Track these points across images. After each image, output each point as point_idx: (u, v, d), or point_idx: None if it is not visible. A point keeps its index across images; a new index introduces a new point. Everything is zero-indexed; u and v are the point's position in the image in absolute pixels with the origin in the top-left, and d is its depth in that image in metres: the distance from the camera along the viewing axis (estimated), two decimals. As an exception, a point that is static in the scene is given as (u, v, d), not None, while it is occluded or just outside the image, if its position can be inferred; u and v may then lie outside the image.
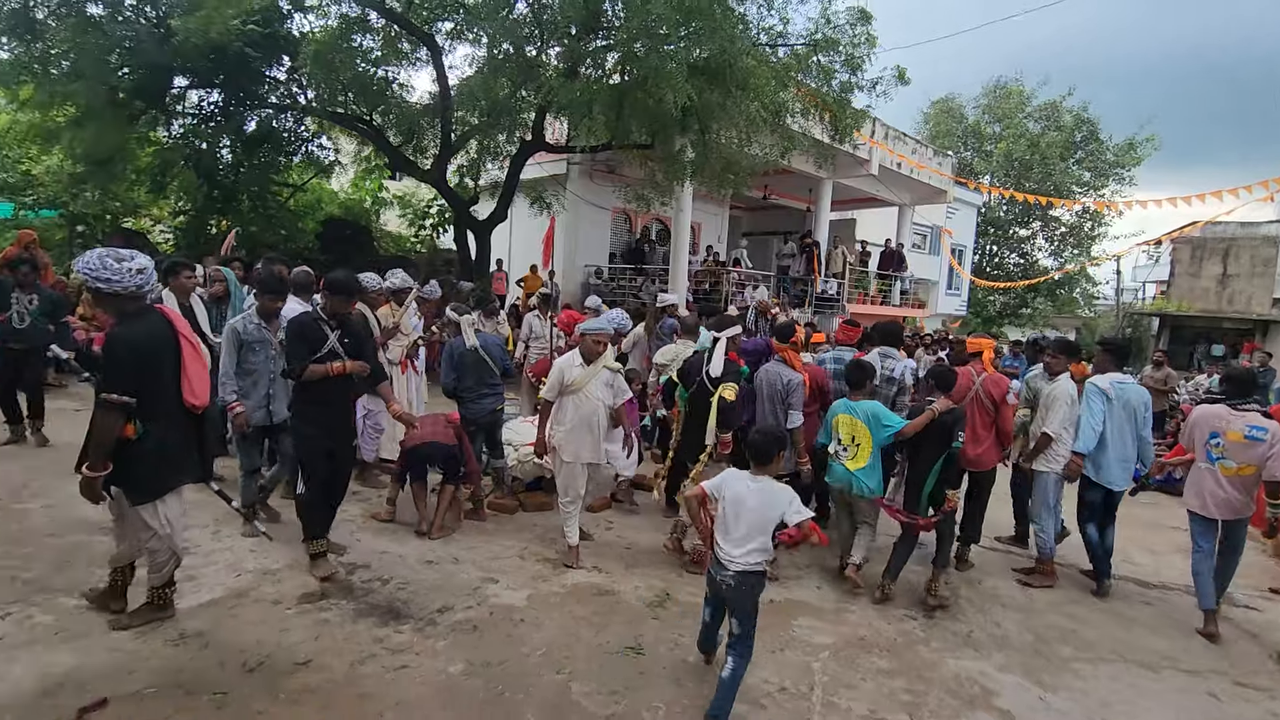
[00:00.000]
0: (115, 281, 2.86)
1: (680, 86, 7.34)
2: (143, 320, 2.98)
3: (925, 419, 4.15)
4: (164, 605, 3.28)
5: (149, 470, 3.01)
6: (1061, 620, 4.33)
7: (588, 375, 4.35)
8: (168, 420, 3.03)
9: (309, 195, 14.66)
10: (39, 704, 2.60)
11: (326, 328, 3.76)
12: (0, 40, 8.50)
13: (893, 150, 15.06)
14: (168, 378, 3.03)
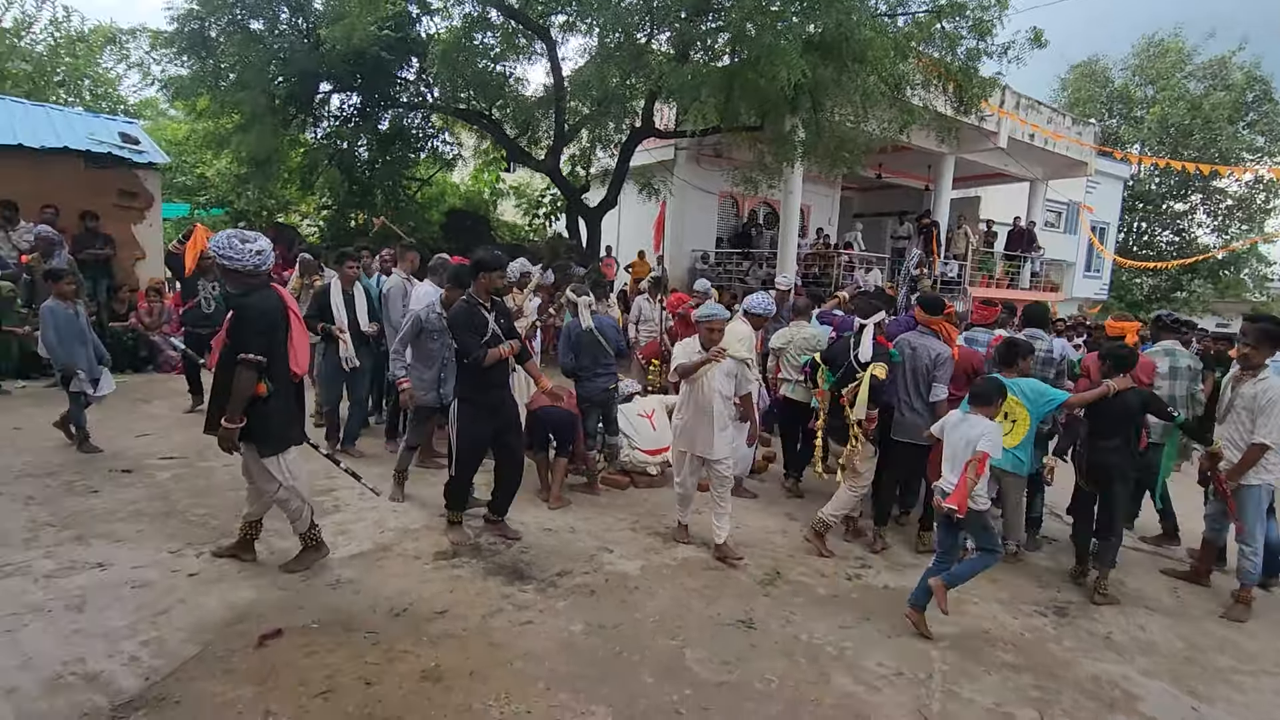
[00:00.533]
0: (238, 259, 3.23)
1: (794, 63, 7.17)
2: (263, 293, 3.35)
3: (1099, 393, 4.10)
4: (317, 545, 3.66)
5: (277, 425, 3.38)
6: (1218, 628, 3.94)
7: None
8: (284, 383, 3.41)
9: (434, 188, 15.62)
10: (229, 630, 3.02)
11: (485, 312, 3.96)
12: (182, 59, 9.71)
13: (1025, 120, 13.91)
14: (280, 347, 3.37)
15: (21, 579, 3.31)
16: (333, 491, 4.80)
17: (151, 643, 2.87)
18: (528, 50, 10.99)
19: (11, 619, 2.96)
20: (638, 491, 5.47)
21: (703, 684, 2.91)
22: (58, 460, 4.99)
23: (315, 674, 2.73)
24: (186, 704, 2.51)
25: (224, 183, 13.64)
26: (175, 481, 4.75)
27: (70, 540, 3.75)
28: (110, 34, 11.74)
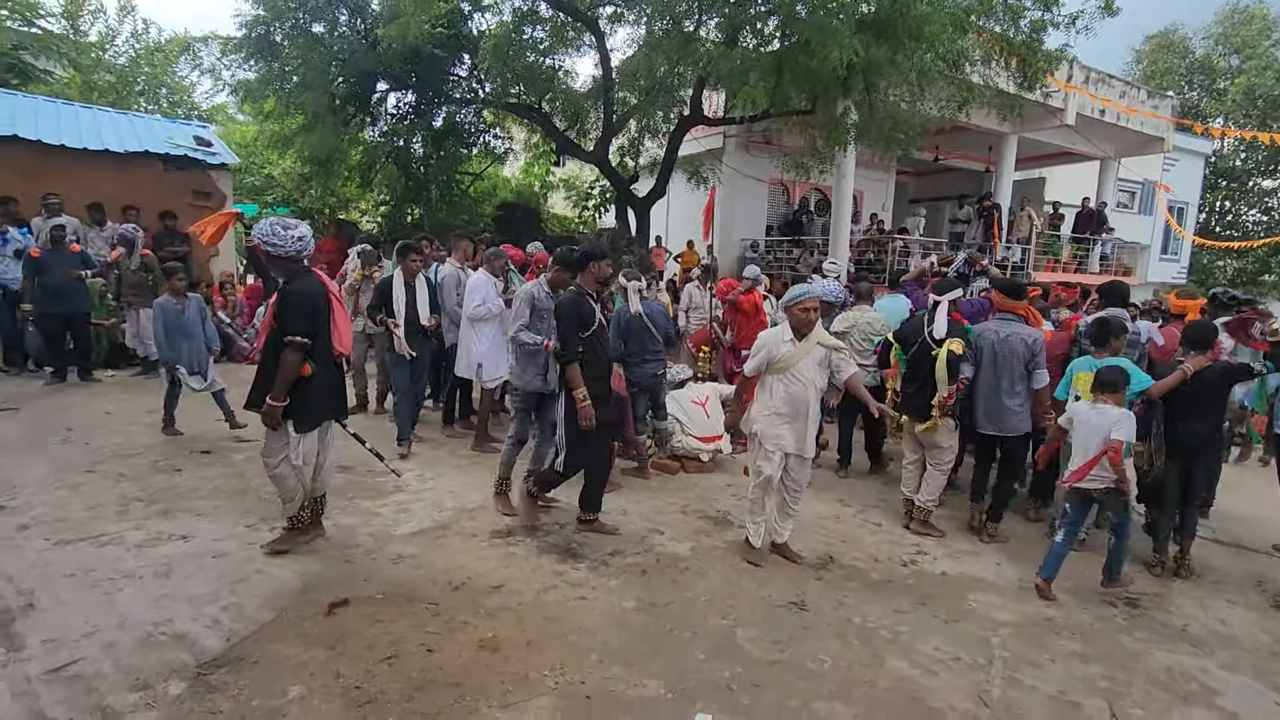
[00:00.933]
0: (280, 246, 3.37)
1: (846, 42, 7.00)
2: (305, 279, 3.48)
3: (1176, 379, 3.97)
4: (300, 529, 3.67)
5: (315, 404, 3.50)
6: (1310, 624, 3.71)
7: (799, 352, 3.76)
8: (326, 363, 3.53)
9: (485, 183, 15.93)
10: (300, 599, 3.19)
11: (592, 303, 3.91)
12: (249, 63, 10.18)
13: (1095, 95, 13.21)
14: (323, 329, 3.49)
15: (116, 548, 3.57)
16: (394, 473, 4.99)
17: (231, 608, 3.06)
18: (576, 42, 11.06)
19: (108, 583, 3.20)
20: (688, 476, 5.49)
21: (754, 662, 2.92)
22: (145, 441, 5.33)
23: (380, 641, 2.86)
24: (264, 664, 2.66)
25: (289, 181, 14.26)
26: (249, 463, 5.00)
27: (157, 514, 4.02)
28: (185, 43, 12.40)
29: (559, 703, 2.55)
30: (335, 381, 3.67)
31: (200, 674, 2.58)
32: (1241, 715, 2.83)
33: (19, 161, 8.79)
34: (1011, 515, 5.02)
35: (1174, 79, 25.19)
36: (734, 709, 2.59)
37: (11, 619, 2.88)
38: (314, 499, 3.78)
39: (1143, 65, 26.59)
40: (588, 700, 2.58)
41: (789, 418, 3.79)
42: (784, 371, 3.78)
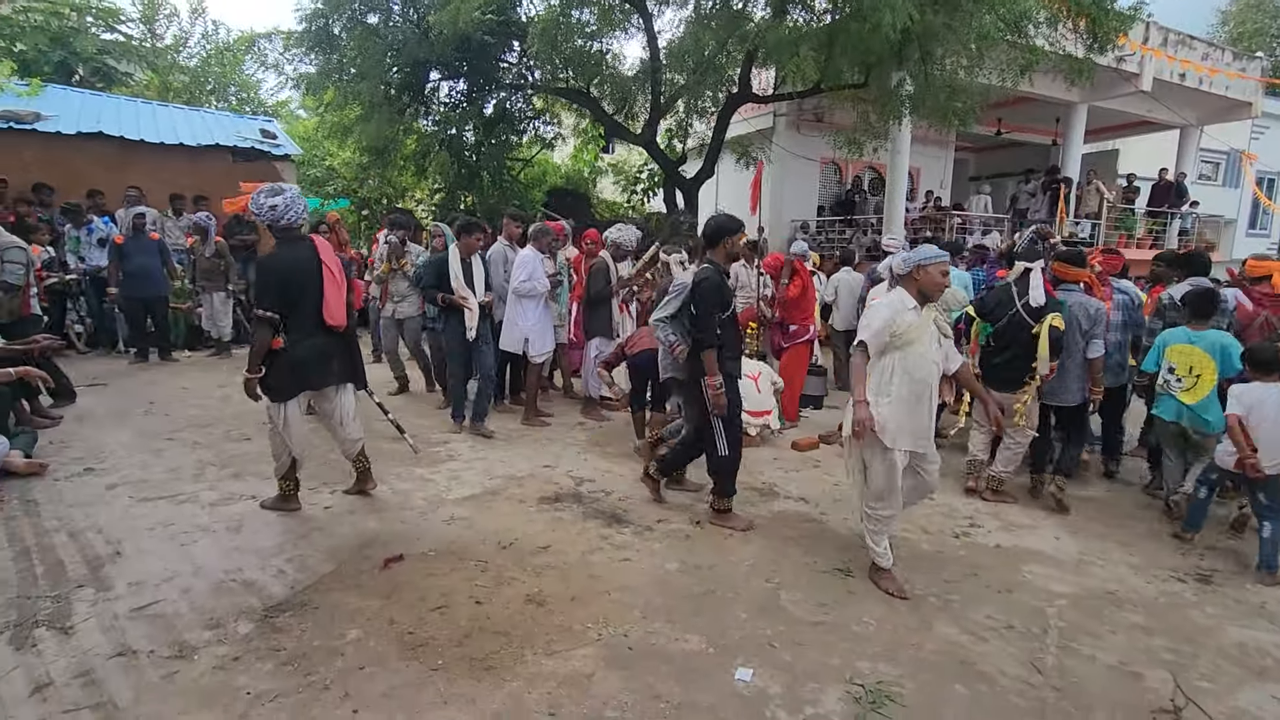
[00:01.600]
0: (258, 215, 3.46)
1: (900, 6, 6.76)
2: (290, 248, 3.50)
3: None
4: (285, 497, 3.75)
5: (282, 377, 3.50)
6: (1406, 606, 3.44)
7: (923, 324, 3.18)
8: (307, 336, 3.50)
9: (535, 168, 16.10)
10: (358, 553, 3.34)
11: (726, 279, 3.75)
12: (310, 56, 10.56)
13: (1174, 57, 12.38)
14: (308, 299, 3.46)
15: (192, 506, 3.82)
16: (447, 444, 5.16)
17: (295, 560, 3.23)
18: (624, 24, 11.02)
19: (185, 536, 3.43)
20: (735, 450, 5.47)
21: (797, 622, 2.91)
22: (217, 414, 5.66)
23: (432, 592, 2.98)
24: (324, 609, 2.81)
25: (349, 172, 14.73)
26: (313, 433, 5.18)
27: (229, 477, 4.27)
28: (250, 39, 12.93)
29: (602, 652, 2.60)
30: (322, 351, 3.57)
31: (266, 616, 2.74)
32: (1322, 691, 2.67)
33: (104, 156, 9.39)
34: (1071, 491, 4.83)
35: (1265, 41, 23.37)
36: (776, 665, 2.59)
37: (101, 564, 3.12)
38: (352, 461, 3.96)
39: (1229, 27, 24.75)
40: (630, 651, 2.62)
41: (910, 406, 3.15)
42: (905, 348, 3.15)
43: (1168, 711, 2.50)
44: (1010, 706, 2.46)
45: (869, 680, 2.53)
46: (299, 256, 3.51)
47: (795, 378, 6.25)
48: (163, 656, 2.46)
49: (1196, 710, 2.49)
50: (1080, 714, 2.46)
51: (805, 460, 5.28)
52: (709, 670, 2.54)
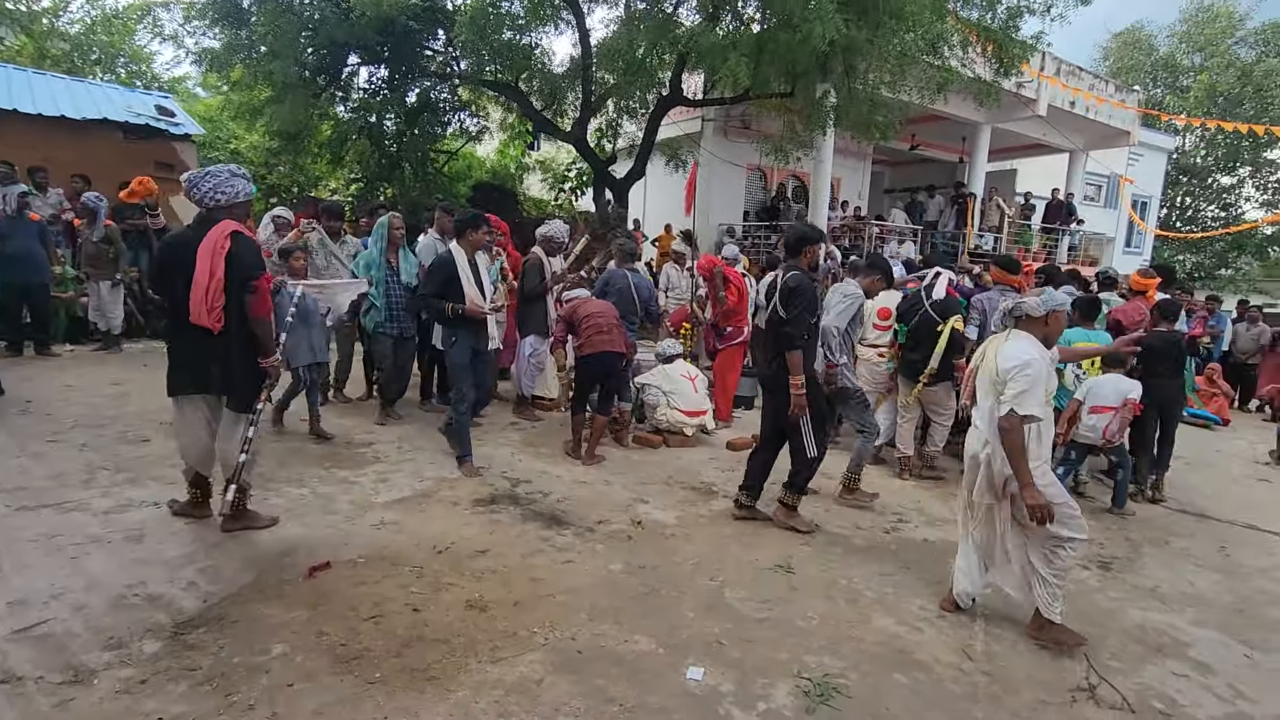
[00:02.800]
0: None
1: (829, 18, 7.00)
2: (183, 231, 3.31)
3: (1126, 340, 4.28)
4: (193, 503, 3.44)
5: (169, 371, 3.32)
6: (1272, 585, 3.85)
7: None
8: (178, 331, 3.25)
9: (460, 162, 15.65)
10: (280, 561, 3.10)
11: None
12: (214, 30, 9.81)
13: (1066, 85, 13.46)
14: (178, 290, 3.11)
15: (82, 514, 3.43)
16: (372, 445, 4.90)
17: (208, 570, 2.96)
18: (555, 19, 10.88)
19: (75, 548, 3.07)
20: (670, 450, 5.48)
21: (744, 619, 2.92)
22: (109, 413, 5.14)
23: (364, 601, 2.80)
24: (244, 623, 2.58)
25: (256, 156, 13.81)
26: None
27: (125, 482, 3.88)
28: (145, 8, 11.90)
29: (550, 657, 2.52)
30: (194, 351, 3.21)
31: (177, 633, 2.49)
32: (1212, 665, 2.93)
33: (-31, 127, 8.39)
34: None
35: (1139, 76, 25.83)
36: (726, 663, 2.59)
37: (-28, 582, 2.75)
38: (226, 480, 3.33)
39: (1110, 62, 27.19)
40: (579, 655, 2.55)
41: (1046, 469, 2.94)
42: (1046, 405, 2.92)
43: (1084, 690, 2.67)
44: (947, 693, 2.56)
45: (816, 674, 2.56)
46: (174, 242, 3.30)
47: (728, 379, 6.34)
48: (54, 683, 2.19)
49: (1109, 688, 2.67)
50: (1009, 696, 2.59)
51: (741, 459, 5.30)
52: (660, 670, 2.51)
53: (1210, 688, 2.76)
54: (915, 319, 4.97)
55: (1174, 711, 2.58)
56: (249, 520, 3.40)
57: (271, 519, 3.48)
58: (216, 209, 3.21)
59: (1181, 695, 2.69)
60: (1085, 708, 2.55)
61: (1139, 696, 2.64)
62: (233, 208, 3.24)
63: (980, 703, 2.53)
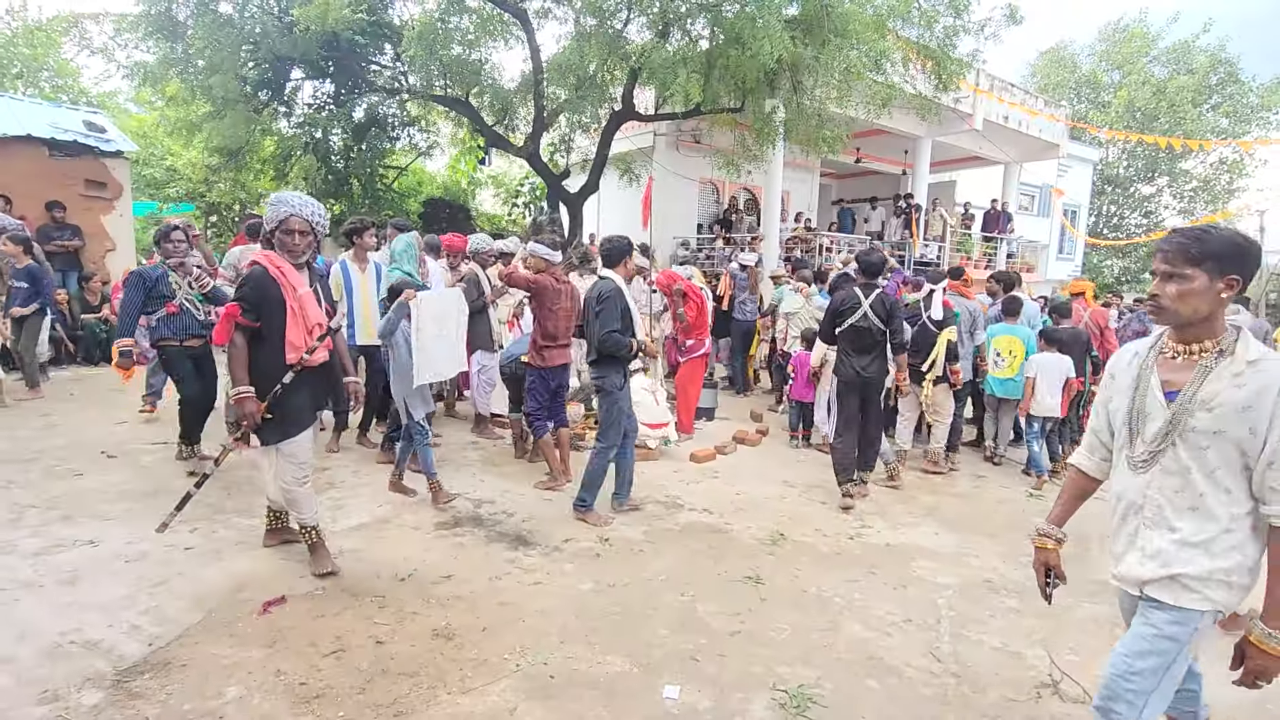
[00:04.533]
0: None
1: (777, 36, 7.16)
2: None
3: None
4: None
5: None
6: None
7: None
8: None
9: (411, 178, 15.39)
10: (232, 598, 2.95)
11: None
12: (148, 43, 9.43)
13: (1001, 99, 14.09)
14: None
15: (8, 557, 3.19)
16: (326, 469, 4.72)
17: (151, 611, 2.79)
18: (504, 34, 10.85)
19: (1, 594, 2.85)
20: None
21: (716, 633, 2.91)
22: (36, 447, 4.83)
23: (324, 636, 2.68)
24: (194, 666, 2.44)
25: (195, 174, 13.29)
26: (162, 464, 4.62)
27: (57, 520, 3.63)
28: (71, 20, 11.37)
29: (522, 684, 2.45)
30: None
31: (120, 681, 2.33)
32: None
33: (-128, 143, 7.83)
34: (943, 489, 5.28)
35: (1065, 91, 27.23)
36: (701, 679, 2.57)
37: (-117, 638, 2.52)
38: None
39: (1037, 78, 28.62)
40: (552, 680, 2.49)
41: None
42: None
43: (1048, 685, 2.74)
44: (919, 696, 2.60)
45: (791, 685, 2.56)
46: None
47: (690, 391, 6.35)
48: (-20, 745, 2.02)
49: (1071, 682, 2.75)
50: (978, 696, 2.64)
51: (704, 471, 5.36)
52: (636, 691, 2.47)
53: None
54: (915, 328, 5.52)
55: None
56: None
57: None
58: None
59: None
60: (1051, 703, 2.62)
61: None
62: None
63: (951, 704, 2.57)
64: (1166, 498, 1.74)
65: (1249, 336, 1.69)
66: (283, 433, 3.08)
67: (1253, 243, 1.69)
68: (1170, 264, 1.70)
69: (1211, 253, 1.65)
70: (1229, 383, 1.65)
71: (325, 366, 3.20)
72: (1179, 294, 1.68)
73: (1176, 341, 1.76)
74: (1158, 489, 1.76)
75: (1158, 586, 1.76)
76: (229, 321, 2.97)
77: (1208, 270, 1.65)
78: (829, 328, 4.92)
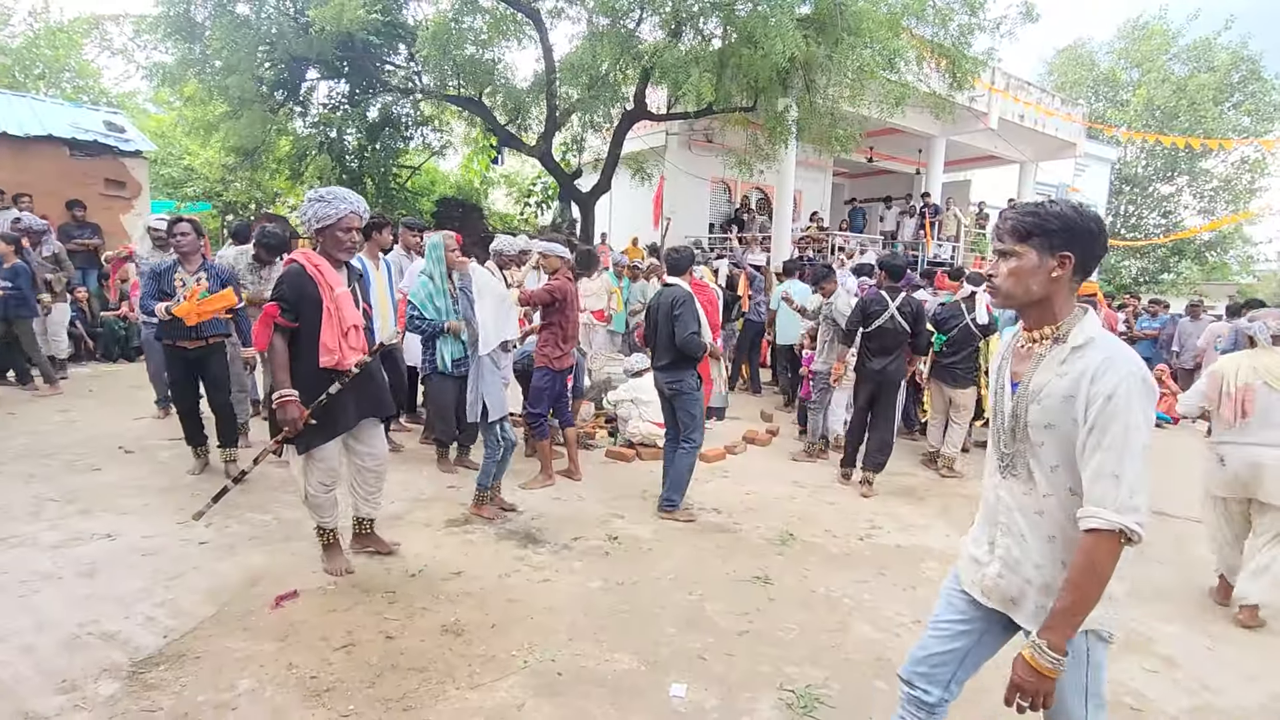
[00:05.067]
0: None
1: (789, 35, 7.15)
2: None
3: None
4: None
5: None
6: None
7: None
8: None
9: (424, 177, 15.49)
10: (246, 592, 2.99)
11: None
12: (166, 44, 9.56)
13: (1017, 98, 13.96)
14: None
15: (28, 550, 3.26)
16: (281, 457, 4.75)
17: (167, 604, 2.83)
18: (517, 34, 10.89)
19: (22, 585, 2.91)
20: (643, 463, 5.46)
21: (724, 633, 2.91)
22: (56, 441, 4.91)
23: (335, 630, 2.71)
24: (207, 659, 2.47)
25: (212, 173, 13.46)
26: (179, 460, 4.68)
27: (76, 514, 3.70)
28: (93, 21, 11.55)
29: (530, 680, 2.47)
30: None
31: (135, 672, 2.37)
32: (1177, 657, 3.01)
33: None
34: (955, 492, 5.25)
35: (1082, 90, 26.91)
36: (708, 678, 2.57)
37: (-92, 627, 2.58)
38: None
39: (1054, 77, 28.31)
40: (559, 677, 2.51)
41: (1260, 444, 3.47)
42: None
43: (1058, 689, 2.71)
44: (927, 698, 2.58)
45: (799, 685, 2.56)
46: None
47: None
48: (0, 733, 2.06)
49: (1082, 685, 2.72)
50: (983, 696, 2.61)
51: (714, 471, 5.36)
52: (643, 689, 2.48)
53: (1177, 681, 2.84)
54: (955, 330, 5.58)
55: (1144, 706, 2.65)
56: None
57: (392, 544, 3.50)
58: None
59: (1150, 689, 2.75)
60: (1060, 707, 2.59)
61: (1110, 692, 2.69)
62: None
63: (958, 706, 2.55)
64: (1017, 500, 1.61)
65: (1088, 320, 1.53)
66: (316, 439, 2.99)
67: (1088, 217, 1.51)
68: (1002, 240, 1.58)
69: (1041, 228, 1.51)
70: (1054, 371, 1.52)
71: (367, 372, 3.08)
72: (1008, 272, 1.56)
73: (1025, 330, 1.63)
74: (1008, 490, 1.63)
75: (1020, 612, 1.60)
76: (268, 323, 2.90)
77: (1036, 247, 1.52)
78: (853, 329, 4.96)
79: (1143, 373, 1.43)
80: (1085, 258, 1.52)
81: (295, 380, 2.91)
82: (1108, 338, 1.51)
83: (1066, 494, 1.52)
